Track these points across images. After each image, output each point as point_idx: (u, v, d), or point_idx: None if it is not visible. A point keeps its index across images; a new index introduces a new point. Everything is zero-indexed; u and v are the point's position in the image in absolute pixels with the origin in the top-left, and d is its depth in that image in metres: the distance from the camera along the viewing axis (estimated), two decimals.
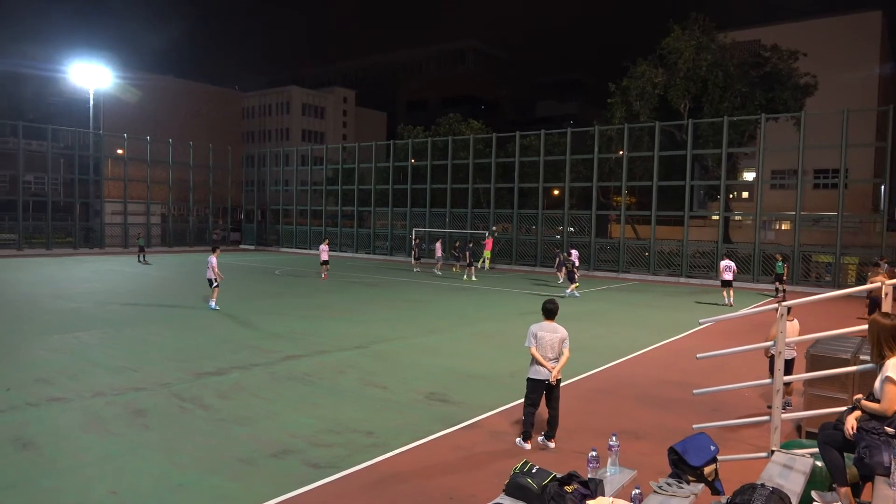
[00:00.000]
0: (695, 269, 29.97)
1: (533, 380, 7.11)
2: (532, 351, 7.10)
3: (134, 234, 42.53)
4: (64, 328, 13.55)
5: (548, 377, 6.99)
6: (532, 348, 7.10)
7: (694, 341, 14.21)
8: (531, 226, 35.75)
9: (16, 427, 7.27)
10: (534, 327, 7.20)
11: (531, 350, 7.12)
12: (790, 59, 35.23)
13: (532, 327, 7.21)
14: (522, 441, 7.10)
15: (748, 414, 8.22)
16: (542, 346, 7.06)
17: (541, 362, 7.02)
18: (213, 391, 8.95)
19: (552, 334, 7.10)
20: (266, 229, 49.81)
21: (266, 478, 6.06)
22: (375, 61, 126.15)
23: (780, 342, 5.02)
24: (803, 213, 27.79)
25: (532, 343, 7.12)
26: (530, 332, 7.19)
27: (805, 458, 4.67)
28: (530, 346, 7.13)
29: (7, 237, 38.46)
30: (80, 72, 45.52)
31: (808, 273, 27.35)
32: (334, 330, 14.26)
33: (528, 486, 3.89)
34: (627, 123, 33.29)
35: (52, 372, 9.78)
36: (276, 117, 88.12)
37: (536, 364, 7.08)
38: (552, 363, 7.02)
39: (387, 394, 9.16)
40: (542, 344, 7.07)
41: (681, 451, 4.31)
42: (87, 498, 5.53)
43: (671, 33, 35.13)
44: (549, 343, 7.07)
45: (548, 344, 7.06)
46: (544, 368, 7.02)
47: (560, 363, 7.09)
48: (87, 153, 44.29)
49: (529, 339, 7.16)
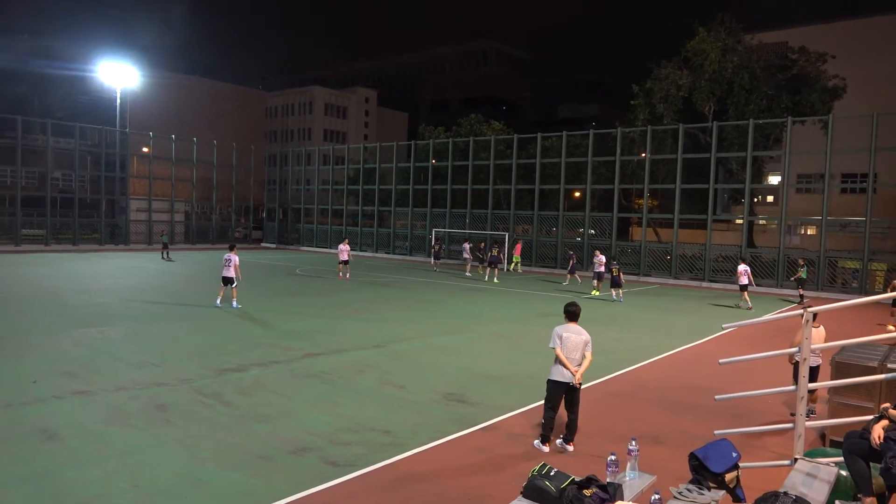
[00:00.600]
0: (718, 274, 29.60)
1: (555, 381, 7.01)
2: (557, 352, 7.00)
3: (158, 231, 43.17)
4: (89, 323, 13.78)
5: (570, 380, 6.90)
6: (557, 349, 7.00)
7: (716, 346, 14.04)
8: (552, 227, 35.60)
9: (42, 419, 7.40)
10: (559, 328, 7.11)
11: (556, 351, 7.00)
12: (818, 62, 34.62)
13: (557, 328, 7.12)
14: (541, 444, 7.04)
15: (771, 421, 8.10)
16: (567, 348, 6.98)
17: (565, 364, 6.92)
18: (234, 388, 9.04)
19: (577, 336, 7.03)
20: (287, 228, 50.22)
21: (285, 474, 6.10)
22: (397, 62, 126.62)
23: (805, 348, 4.94)
24: (830, 217, 27.33)
25: (557, 344, 7.02)
26: (555, 333, 7.08)
27: (829, 467, 4.59)
28: (555, 346, 7.03)
29: (35, 233, 39.21)
30: (108, 71, 46.34)
31: (834, 279, 26.88)
32: (353, 329, 14.32)
33: (546, 489, 3.87)
34: (650, 125, 32.99)
35: (77, 365, 9.95)
36: (298, 117, 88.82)
37: (559, 365, 6.97)
38: (575, 366, 6.94)
39: (405, 393, 9.17)
40: (567, 346, 6.98)
41: (702, 457, 4.27)
42: (108, 490, 5.61)
43: (696, 35, 34.75)
44: (574, 345, 6.99)
45: (572, 346, 6.98)
46: (567, 371, 6.91)
47: (583, 366, 7.01)
48: (114, 151, 45.02)
49: (554, 340, 7.05)
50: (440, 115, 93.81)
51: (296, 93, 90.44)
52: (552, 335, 7.10)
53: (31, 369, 9.66)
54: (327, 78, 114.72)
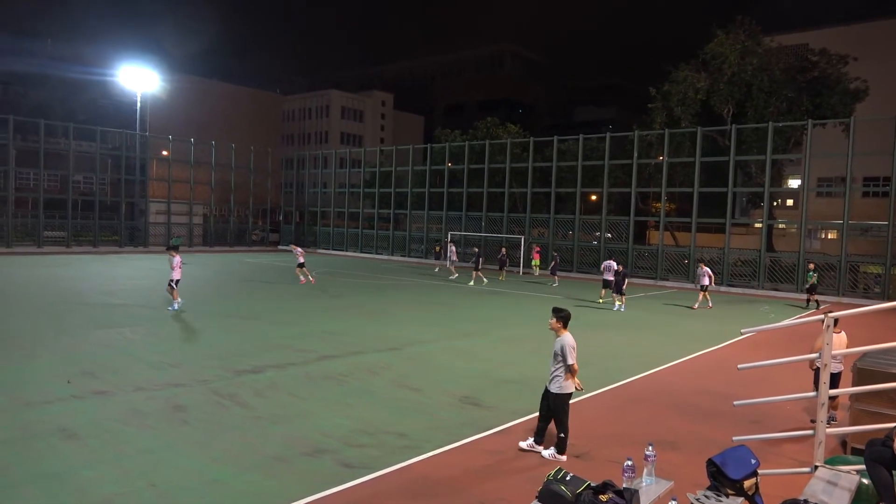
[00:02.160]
0: (736, 278, 29.30)
1: (568, 394, 6.86)
2: (575, 367, 6.76)
3: (176, 233, 43.63)
4: (108, 323, 13.94)
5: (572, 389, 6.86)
6: (574, 365, 6.76)
7: (734, 351, 13.88)
8: (568, 231, 35.45)
9: (62, 418, 7.50)
10: (571, 340, 6.82)
11: (574, 367, 6.75)
12: (839, 64, 34.20)
13: (569, 341, 6.80)
14: (557, 453, 6.83)
15: (790, 427, 7.99)
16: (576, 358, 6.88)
17: (575, 379, 6.81)
18: (250, 389, 9.09)
19: (576, 343, 6.93)
20: (304, 231, 50.50)
21: (300, 476, 6.12)
22: (414, 65, 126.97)
23: (826, 354, 4.87)
24: (851, 221, 26.91)
25: (575, 359, 6.78)
26: (570, 346, 6.76)
27: (850, 475, 4.51)
28: (574, 363, 6.74)
29: (57, 234, 39.83)
30: (128, 75, 47.03)
31: (855, 284, 26.47)
32: (368, 331, 14.35)
33: (561, 494, 3.85)
34: (668, 129, 32.77)
35: (97, 365, 10.08)
36: (315, 120, 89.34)
37: (569, 378, 6.79)
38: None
39: (420, 396, 9.17)
40: (576, 356, 6.86)
41: (720, 464, 4.22)
42: (126, 489, 5.67)
43: (715, 38, 34.47)
44: (576, 353, 6.89)
45: (576, 355, 6.88)
46: (573, 382, 6.82)
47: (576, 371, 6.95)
48: (134, 154, 45.58)
49: (571, 354, 6.75)
50: (456, 119, 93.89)
51: (313, 96, 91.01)
52: (566, 349, 6.74)
53: (54, 369, 9.80)
54: (344, 81, 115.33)
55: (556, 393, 6.84)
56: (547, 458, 6.78)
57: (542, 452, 6.87)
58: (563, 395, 6.85)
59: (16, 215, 39.27)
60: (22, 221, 40.99)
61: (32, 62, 59.69)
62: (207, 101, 72.91)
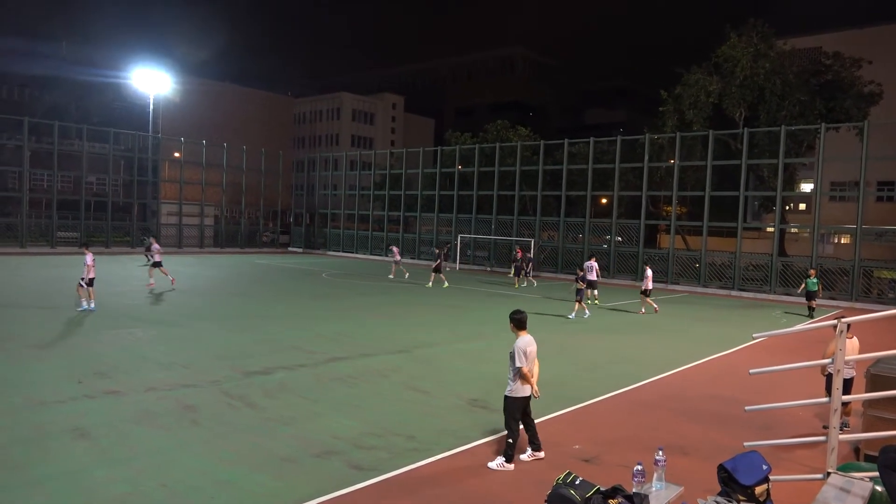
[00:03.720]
0: (748, 283, 29.09)
1: (518, 398, 6.67)
2: (524, 371, 6.57)
3: (189, 234, 43.89)
4: (119, 324, 14.05)
5: (530, 393, 6.71)
6: (524, 368, 6.58)
7: (744, 356, 13.79)
8: (578, 234, 35.35)
9: (74, 417, 7.57)
10: (522, 344, 6.63)
11: (524, 370, 6.56)
12: (853, 67, 33.93)
13: (520, 344, 6.62)
14: (506, 462, 6.60)
15: (801, 433, 7.92)
16: (530, 362, 6.68)
17: (529, 381, 6.63)
18: (260, 390, 9.13)
19: (534, 347, 6.75)
20: (314, 232, 50.67)
21: (309, 477, 6.14)
22: (424, 67, 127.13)
23: (839, 360, 4.83)
24: (865, 226, 26.66)
25: (525, 363, 6.59)
26: (519, 349, 6.58)
27: (864, 482, 4.47)
28: (522, 366, 6.55)
29: (70, 235, 40.16)
30: (141, 78, 47.46)
31: (868, 289, 26.22)
32: (378, 333, 14.38)
33: (570, 498, 3.84)
34: (679, 132, 32.63)
35: (109, 366, 10.15)
36: (326, 122, 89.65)
37: (522, 382, 6.61)
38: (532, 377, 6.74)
39: (429, 398, 9.17)
40: (530, 359, 6.67)
41: (731, 469, 4.19)
42: (137, 488, 5.71)
43: (727, 41, 34.29)
44: (533, 357, 6.73)
45: (533, 358, 6.72)
46: (529, 385, 6.67)
47: (536, 376, 6.84)
48: (146, 156, 45.91)
49: (521, 359, 6.56)
50: (466, 121, 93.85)
51: (324, 99, 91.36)
52: (516, 352, 6.60)
53: (66, 369, 9.89)
54: (355, 84, 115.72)
55: (506, 395, 6.77)
56: (495, 469, 6.56)
57: (489, 464, 6.64)
58: (510, 398, 6.69)
59: (30, 216, 39.60)
60: (36, 222, 41.36)
61: (47, 65, 60.29)
62: (219, 103, 73.34)
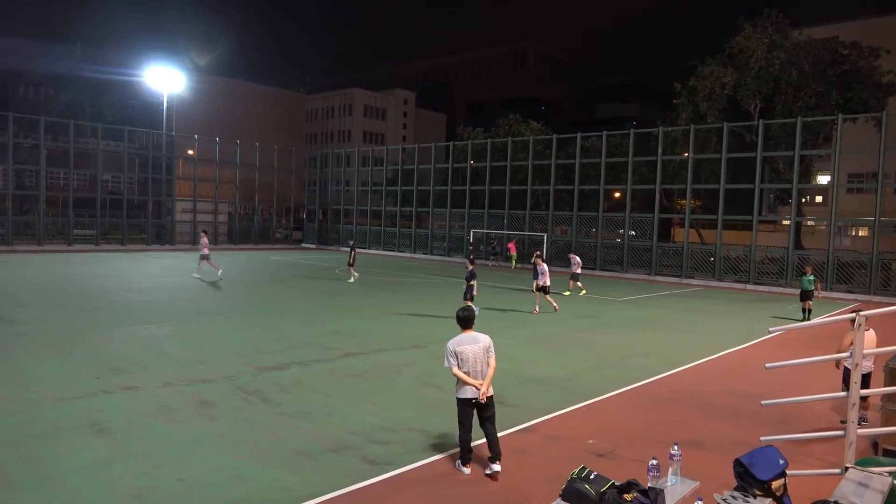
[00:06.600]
0: (763, 276, 28.84)
1: (461, 399, 6.34)
2: (454, 371, 6.27)
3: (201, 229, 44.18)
4: (136, 320, 14.19)
5: (476, 395, 6.25)
6: (454, 369, 6.27)
7: (760, 350, 13.67)
8: (591, 228, 35.21)
9: (92, 413, 7.66)
10: (451, 344, 6.34)
11: (453, 371, 6.28)
12: (871, 56, 33.41)
13: (449, 345, 6.34)
14: (461, 465, 6.43)
15: (818, 428, 7.86)
16: (466, 362, 6.26)
17: (466, 381, 6.28)
18: (275, 385, 9.19)
19: (474, 346, 6.33)
20: (327, 228, 50.87)
21: (324, 472, 6.18)
22: (436, 63, 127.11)
23: (858, 353, 4.78)
24: (883, 218, 26.31)
25: (453, 363, 6.28)
26: (448, 350, 6.32)
27: (883, 477, 4.42)
28: (451, 367, 6.29)
29: (86, 233, 40.64)
30: (155, 76, 47.80)
31: (887, 282, 25.89)
32: (391, 328, 14.41)
33: (585, 493, 3.83)
34: (693, 124, 32.34)
35: (126, 362, 10.26)
36: (338, 119, 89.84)
37: (462, 382, 6.33)
38: (480, 379, 6.27)
39: (443, 394, 9.17)
40: (465, 359, 6.26)
41: (747, 464, 4.16)
42: (155, 483, 5.77)
43: (742, 31, 33.92)
44: (473, 356, 6.28)
45: (471, 358, 6.33)
46: (471, 386, 6.30)
47: (488, 377, 6.31)
48: (160, 153, 46.29)
49: (448, 360, 6.31)
50: (478, 116, 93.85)
51: (336, 95, 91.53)
52: (445, 353, 6.37)
53: (84, 365, 10.01)
54: (367, 80, 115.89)
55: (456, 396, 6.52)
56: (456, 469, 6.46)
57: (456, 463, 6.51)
58: (457, 398, 6.44)
59: (46, 214, 40.12)
60: (52, 220, 41.85)
61: (62, 64, 60.87)
62: (232, 101, 73.74)
